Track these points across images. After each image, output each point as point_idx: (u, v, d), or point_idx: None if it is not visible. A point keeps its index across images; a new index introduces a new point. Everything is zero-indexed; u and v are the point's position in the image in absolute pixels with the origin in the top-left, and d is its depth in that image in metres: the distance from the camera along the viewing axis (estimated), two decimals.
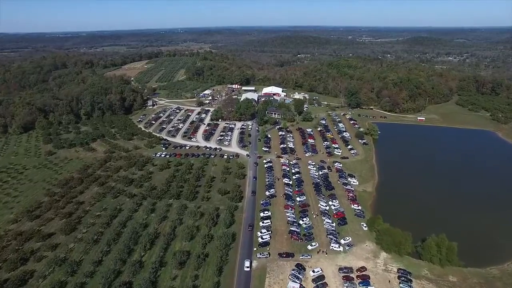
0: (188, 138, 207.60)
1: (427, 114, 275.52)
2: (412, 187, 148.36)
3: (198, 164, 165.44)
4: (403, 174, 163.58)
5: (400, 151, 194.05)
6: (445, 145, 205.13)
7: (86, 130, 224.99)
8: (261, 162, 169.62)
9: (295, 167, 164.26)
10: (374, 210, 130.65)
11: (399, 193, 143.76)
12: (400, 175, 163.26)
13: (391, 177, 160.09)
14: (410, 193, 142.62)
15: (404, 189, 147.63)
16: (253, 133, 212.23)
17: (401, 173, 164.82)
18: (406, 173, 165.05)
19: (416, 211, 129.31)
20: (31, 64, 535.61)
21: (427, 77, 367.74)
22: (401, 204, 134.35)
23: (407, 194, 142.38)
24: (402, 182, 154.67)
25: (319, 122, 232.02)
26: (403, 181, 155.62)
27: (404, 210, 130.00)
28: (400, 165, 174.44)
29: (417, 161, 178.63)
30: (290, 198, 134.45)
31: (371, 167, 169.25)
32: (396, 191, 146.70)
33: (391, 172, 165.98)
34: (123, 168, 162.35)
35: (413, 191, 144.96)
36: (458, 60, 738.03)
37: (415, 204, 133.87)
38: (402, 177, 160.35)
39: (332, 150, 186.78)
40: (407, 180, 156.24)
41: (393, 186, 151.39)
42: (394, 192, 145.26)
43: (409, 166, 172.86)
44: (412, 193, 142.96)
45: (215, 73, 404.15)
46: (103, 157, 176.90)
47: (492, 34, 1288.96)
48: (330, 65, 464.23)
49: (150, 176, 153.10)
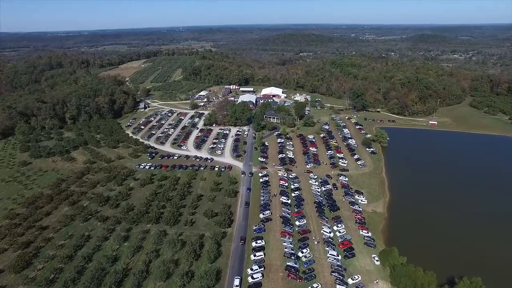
0: (178, 146, 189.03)
1: (439, 117, 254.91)
2: (430, 207, 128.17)
3: (185, 178, 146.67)
4: (419, 190, 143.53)
5: (413, 161, 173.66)
6: (463, 154, 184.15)
7: (69, 137, 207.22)
8: (256, 176, 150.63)
9: (294, 181, 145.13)
10: (387, 238, 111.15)
11: (415, 215, 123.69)
12: (415, 191, 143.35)
13: (405, 194, 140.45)
14: (429, 215, 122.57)
15: (421, 209, 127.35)
16: (249, 140, 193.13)
17: (416, 189, 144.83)
18: (422, 188, 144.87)
19: (439, 240, 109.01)
20: (26, 64, 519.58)
21: (437, 77, 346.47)
22: (419, 230, 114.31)
23: (425, 216, 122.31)
24: (418, 201, 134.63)
25: (322, 127, 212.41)
26: (419, 199, 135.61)
27: (423, 238, 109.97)
28: (414, 179, 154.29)
29: (433, 174, 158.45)
30: (288, 222, 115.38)
31: (381, 182, 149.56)
32: (411, 212, 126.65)
33: (404, 187, 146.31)
34: (101, 182, 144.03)
35: (432, 212, 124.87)
36: (464, 58, 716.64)
37: (437, 230, 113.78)
38: (418, 194, 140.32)
39: (337, 160, 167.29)
40: (424, 198, 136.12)
41: (408, 205, 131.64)
42: (410, 214, 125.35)
43: (425, 180, 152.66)
44: (432, 215, 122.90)
45: (212, 72, 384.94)
46: (81, 169, 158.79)
47: (497, 31, 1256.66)
48: (333, 63, 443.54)
49: (129, 193, 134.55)
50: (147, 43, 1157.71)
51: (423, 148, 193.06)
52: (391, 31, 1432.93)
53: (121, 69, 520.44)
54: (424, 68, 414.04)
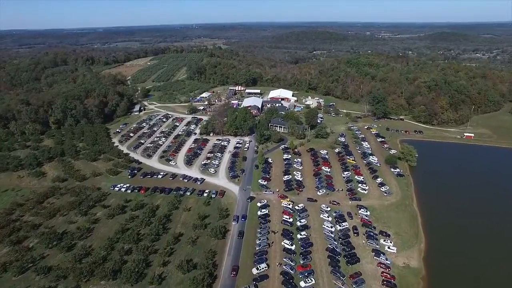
0: (166, 161, 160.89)
1: (474, 127, 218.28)
2: (485, 257, 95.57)
3: (165, 207, 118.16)
4: (465, 230, 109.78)
5: (451, 186, 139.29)
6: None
7: (47, 145, 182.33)
8: (254, 205, 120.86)
9: (301, 215, 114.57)
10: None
11: (467, 271, 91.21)
12: (460, 232, 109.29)
13: (447, 237, 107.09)
14: (487, 272, 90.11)
15: (474, 262, 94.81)
16: (250, 155, 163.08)
17: (462, 228, 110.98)
18: (470, 227, 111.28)
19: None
20: (31, 61, 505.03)
21: (468, 79, 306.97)
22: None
23: (482, 272, 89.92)
24: (467, 246, 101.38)
25: (337, 139, 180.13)
26: (467, 245, 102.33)
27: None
28: (456, 213, 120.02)
29: (482, 206, 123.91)
30: (290, 282, 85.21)
31: (412, 217, 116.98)
32: (462, 267, 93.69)
33: (444, 225, 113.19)
34: (63, 211, 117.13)
35: (492, 265, 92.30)
36: (487, 57, 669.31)
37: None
38: (465, 236, 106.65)
39: (355, 185, 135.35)
40: (476, 243, 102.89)
41: (454, 255, 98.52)
42: (460, 271, 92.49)
43: (471, 215, 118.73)
44: (494, 271, 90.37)
45: (218, 72, 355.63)
46: (45, 190, 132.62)
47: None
48: (349, 63, 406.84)
49: (92, 228, 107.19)
50: (160, 40, 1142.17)
51: (461, 168, 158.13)
52: (408, 29, 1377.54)
53: (126, 67, 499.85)
54: (451, 68, 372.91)
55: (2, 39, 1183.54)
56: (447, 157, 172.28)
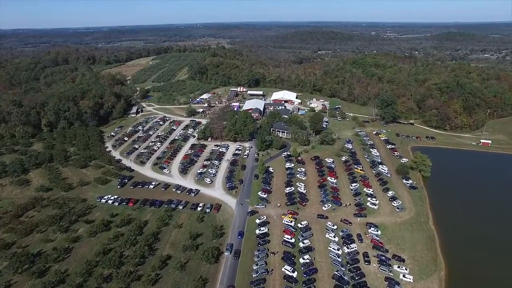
0: (160, 168, 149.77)
1: (490, 133, 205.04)
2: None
3: (154, 223, 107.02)
4: (493, 254, 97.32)
5: (470, 201, 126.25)
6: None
7: (35, 150, 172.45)
8: (253, 221, 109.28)
9: (304, 234, 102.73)
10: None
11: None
12: (485, 255, 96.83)
13: (471, 262, 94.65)
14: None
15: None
16: (250, 163, 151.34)
17: (487, 251, 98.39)
18: (498, 251, 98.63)
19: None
20: (31, 60, 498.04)
21: (481, 81, 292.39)
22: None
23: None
24: (499, 275, 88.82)
25: (344, 146, 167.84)
26: (498, 272, 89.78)
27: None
28: (480, 233, 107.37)
29: (509, 224, 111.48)
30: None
31: (429, 239, 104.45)
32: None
33: (467, 248, 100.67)
34: (42, 226, 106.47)
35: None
36: (496, 58, 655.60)
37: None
38: (493, 262, 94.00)
39: (364, 199, 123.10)
40: (508, 270, 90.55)
41: (481, 285, 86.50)
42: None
43: (498, 235, 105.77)
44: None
45: (220, 72, 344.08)
46: (27, 201, 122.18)
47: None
48: (354, 63, 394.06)
49: (71, 248, 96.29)
50: (164, 40, 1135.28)
51: (480, 180, 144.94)
52: (414, 29, 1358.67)
53: (127, 66, 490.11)
54: (461, 69, 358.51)
55: (8, 38, 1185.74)
56: (463, 167, 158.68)
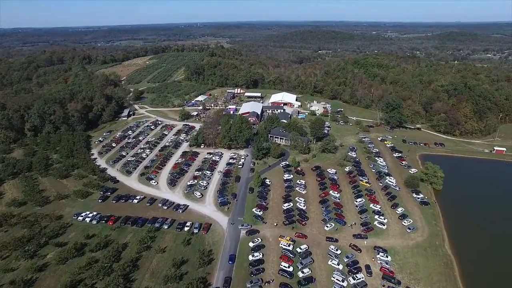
0: (147, 179, 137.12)
1: (503, 139, 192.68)
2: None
3: (134, 247, 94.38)
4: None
5: (489, 219, 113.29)
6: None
7: (14, 157, 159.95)
8: (245, 245, 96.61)
9: (304, 261, 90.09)
10: None
11: None
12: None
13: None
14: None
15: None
16: (244, 174, 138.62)
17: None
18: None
19: None
20: (25, 59, 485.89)
21: (491, 83, 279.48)
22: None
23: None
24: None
25: (347, 154, 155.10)
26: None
27: None
28: (505, 259, 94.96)
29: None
30: None
31: (447, 266, 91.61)
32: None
33: (491, 277, 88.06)
34: (6, 250, 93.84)
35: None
36: (499, 58, 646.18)
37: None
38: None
39: (371, 217, 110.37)
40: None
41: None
42: None
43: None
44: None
45: (217, 72, 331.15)
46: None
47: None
48: (356, 63, 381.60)
49: (34, 279, 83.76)
50: (163, 39, 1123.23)
51: (498, 193, 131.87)
52: (415, 29, 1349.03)
53: (123, 66, 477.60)
54: (468, 70, 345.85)
55: (7, 36, 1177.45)
56: (478, 178, 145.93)
